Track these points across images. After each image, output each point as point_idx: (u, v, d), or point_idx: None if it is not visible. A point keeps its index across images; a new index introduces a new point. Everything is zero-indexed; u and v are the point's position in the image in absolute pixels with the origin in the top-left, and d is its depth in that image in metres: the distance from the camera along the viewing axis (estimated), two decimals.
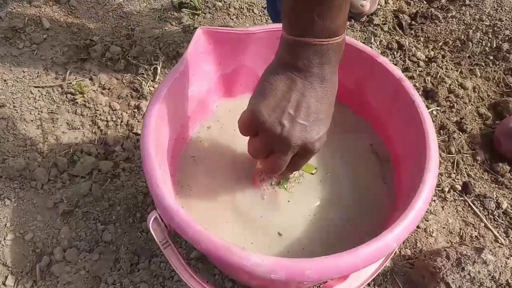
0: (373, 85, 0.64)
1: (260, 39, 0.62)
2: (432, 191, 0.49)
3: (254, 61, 0.65)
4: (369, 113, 0.67)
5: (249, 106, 0.48)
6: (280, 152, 0.48)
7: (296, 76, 0.46)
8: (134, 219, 0.76)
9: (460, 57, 1.04)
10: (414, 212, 0.47)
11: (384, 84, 0.60)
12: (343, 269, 0.43)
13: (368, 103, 0.66)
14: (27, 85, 0.93)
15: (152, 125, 0.52)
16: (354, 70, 0.63)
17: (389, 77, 0.59)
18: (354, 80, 0.65)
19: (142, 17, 1.09)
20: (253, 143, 0.51)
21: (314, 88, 0.46)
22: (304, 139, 0.47)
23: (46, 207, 0.77)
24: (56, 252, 0.71)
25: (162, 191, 0.48)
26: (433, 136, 0.52)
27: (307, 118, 0.46)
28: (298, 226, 0.59)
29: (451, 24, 1.09)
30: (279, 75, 0.46)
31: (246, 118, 0.49)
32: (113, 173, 0.82)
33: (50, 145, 0.85)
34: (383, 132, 0.65)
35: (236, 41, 0.62)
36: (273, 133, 0.46)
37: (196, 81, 0.62)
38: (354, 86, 0.65)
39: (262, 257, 0.43)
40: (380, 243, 0.45)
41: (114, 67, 0.98)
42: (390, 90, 0.59)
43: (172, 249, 0.50)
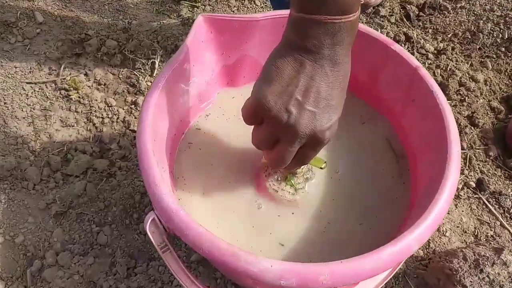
0: (386, 75, 0.59)
1: (265, 26, 0.58)
2: (454, 188, 0.45)
3: (259, 50, 0.61)
4: (382, 106, 0.63)
5: (253, 92, 0.44)
6: (286, 142, 0.44)
7: (305, 59, 0.41)
8: (131, 220, 0.71)
9: (470, 49, 1.00)
10: (436, 211, 0.43)
11: (399, 73, 0.56)
12: (361, 274, 0.39)
13: (381, 95, 0.62)
14: (19, 81, 0.89)
15: (149, 119, 0.48)
16: (366, 59, 0.59)
17: (404, 66, 0.55)
18: (366, 71, 0.60)
19: (139, 10, 1.05)
20: (258, 133, 0.47)
21: (324, 71, 0.42)
22: (313, 127, 0.43)
23: (38, 208, 0.73)
24: (48, 256, 0.67)
25: (160, 190, 0.44)
26: (454, 128, 0.48)
27: (317, 105, 0.42)
28: (303, 230, 0.55)
29: (460, 15, 1.05)
30: (286, 58, 0.42)
31: (250, 105, 0.45)
32: (109, 172, 0.77)
33: (42, 143, 0.81)
34: (398, 125, 0.61)
35: (239, 29, 0.58)
36: (279, 121, 0.42)
37: (197, 72, 0.58)
38: (366, 77, 0.61)
39: (271, 261, 0.39)
40: (401, 245, 0.41)
41: (110, 62, 0.94)
42: (405, 80, 0.55)
43: (172, 253, 0.46)
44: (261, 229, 0.55)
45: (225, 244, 0.40)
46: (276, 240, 0.54)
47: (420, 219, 0.42)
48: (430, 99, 0.51)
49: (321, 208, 0.56)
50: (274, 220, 0.55)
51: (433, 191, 0.45)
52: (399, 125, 0.60)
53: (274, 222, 0.55)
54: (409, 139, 0.58)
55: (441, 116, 0.49)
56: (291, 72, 0.42)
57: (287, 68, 0.42)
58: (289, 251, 0.53)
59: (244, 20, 0.57)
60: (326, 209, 0.56)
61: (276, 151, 0.46)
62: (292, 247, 0.53)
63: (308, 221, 0.55)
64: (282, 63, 0.42)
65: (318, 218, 0.56)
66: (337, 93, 0.43)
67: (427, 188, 0.49)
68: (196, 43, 0.56)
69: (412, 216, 0.50)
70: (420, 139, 0.55)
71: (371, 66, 0.60)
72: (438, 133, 0.49)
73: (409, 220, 0.51)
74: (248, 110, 0.46)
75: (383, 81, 0.60)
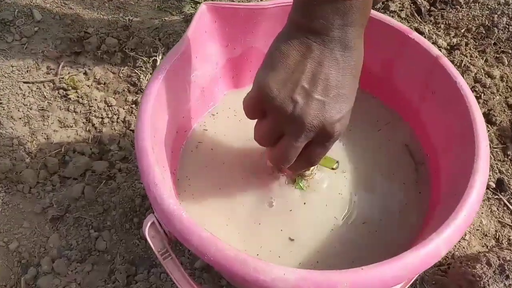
0: (402, 66, 0.55)
1: (273, 15, 0.54)
2: (484, 185, 0.41)
3: (266, 42, 0.57)
4: (397, 100, 0.58)
5: (255, 81, 0.40)
6: (291, 135, 0.39)
7: (312, 42, 0.37)
8: (131, 225, 0.67)
9: (484, 44, 0.95)
10: (466, 210, 0.39)
11: (417, 64, 0.52)
12: (385, 282, 0.35)
13: (396, 87, 0.57)
14: (15, 81, 0.86)
15: (148, 113, 0.44)
16: (379, 50, 0.54)
17: (423, 56, 0.50)
18: (380, 62, 0.56)
19: (141, 7, 1.01)
20: (260, 126, 0.42)
21: (334, 56, 0.37)
22: (321, 118, 0.38)
23: (33, 212, 0.69)
24: (43, 263, 0.64)
25: (160, 191, 0.40)
26: (481, 121, 0.44)
27: (326, 93, 0.38)
28: (312, 234, 0.51)
29: (473, 9, 1.01)
30: (292, 42, 0.38)
31: (251, 95, 0.41)
32: (108, 174, 0.74)
33: (39, 144, 0.78)
34: (416, 122, 0.57)
35: (245, 18, 0.54)
36: (283, 111, 0.38)
37: (200, 65, 0.54)
38: (380, 69, 0.57)
39: (285, 269, 0.35)
40: (429, 249, 0.37)
41: (110, 60, 0.91)
42: (424, 71, 0.51)
43: (173, 260, 0.42)
44: (271, 226, 0.51)
45: (232, 250, 0.36)
46: (283, 238, 0.50)
47: (448, 219, 0.38)
48: (453, 90, 0.47)
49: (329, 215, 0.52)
50: (284, 215, 0.52)
51: (460, 190, 0.41)
52: (417, 121, 0.56)
53: (284, 218, 0.52)
54: (429, 136, 0.54)
55: (466, 108, 0.45)
56: (297, 57, 0.38)
57: (293, 53, 0.38)
58: (299, 247, 0.50)
59: (251, 8, 0.53)
60: (335, 208, 0.52)
61: (279, 147, 0.41)
62: (301, 243, 0.50)
63: (318, 218, 0.52)
64: (286, 48, 0.38)
65: (327, 217, 0.52)
66: (348, 81, 0.39)
67: (452, 188, 0.45)
68: (199, 34, 0.52)
69: (434, 221, 0.46)
70: (442, 135, 0.51)
71: (386, 56, 0.56)
72: (462, 127, 0.45)
73: (430, 225, 0.47)
74: (250, 101, 0.41)
75: (399, 73, 0.56)
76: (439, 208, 0.47)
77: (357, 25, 0.37)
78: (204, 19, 0.52)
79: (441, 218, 0.40)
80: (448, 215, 0.39)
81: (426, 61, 0.50)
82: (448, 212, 0.40)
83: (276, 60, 0.38)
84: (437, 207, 0.47)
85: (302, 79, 0.37)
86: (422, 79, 0.52)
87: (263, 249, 0.50)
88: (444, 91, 0.49)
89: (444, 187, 0.48)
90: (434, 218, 0.47)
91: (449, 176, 0.47)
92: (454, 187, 0.44)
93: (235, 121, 0.59)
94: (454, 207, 0.39)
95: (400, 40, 0.52)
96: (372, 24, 0.54)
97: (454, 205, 0.40)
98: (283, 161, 0.42)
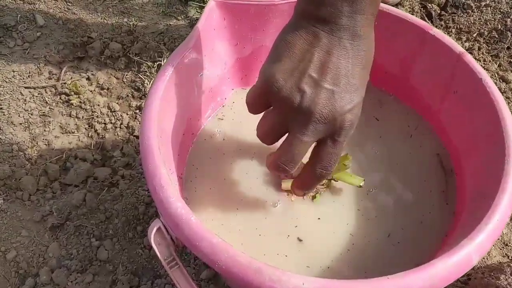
0: (421, 65, 0.52)
1: (284, 12, 0.52)
2: None
3: None
4: (416, 100, 0.55)
5: (260, 73, 0.37)
6: (299, 128, 0.36)
7: (319, 30, 0.35)
8: (135, 234, 0.64)
9: (498, 48, 0.93)
10: (499, 215, 0.36)
11: (438, 61, 0.49)
12: None
13: (415, 87, 0.55)
14: (16, 86, 0.84)
15: (154, 111, 0.42)
16: (397, 48, 0.52)
17: (445, 53, 0.48)
18: (398, 61, 0.54)
19: (145, 12, 1.00)
20: (265, 121, 0.39)
21: (343, 45, 0.35)
22: (331, 108, 0.35)
23: (32, 220, 0.66)
24: (42, 273, 0.60)
25: (167, 193, 0.37)
26: (510, 120, 0.41)
27: (336, 82, 0.35)
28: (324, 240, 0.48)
29: (485, 13, 0.98)
30: (298, 31, 0.35)
31: (255, 86, 0.38)
32: (111, 181, 0.71)
33: (40, 150, 0.75)
34: (436, 125, 0.54)
35: (256, 15, 0.52)
36: (290, 102, 0.35)
37: (208, 64, 0.51)
38: (398, 68, 0.54)
39: (303, 278, 0.32)
40: (460, 256, 0.33)
41: (113, 66, 0.89)
42: (446, 69, 0.48)
43: (181, 269, 0.38)
44: (280, 226, 0.49)
45: (245, 257, 0.33)
46: (292, 239, 0.48)
47: (480, 224, 0.35)
48: (478, 88, 0.44)
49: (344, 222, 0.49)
50: (293, 217, 0.49)
51: (491, 193, 0.38)
52: (437, 123, 0.53)
53: (293, 219, 0.49)
54: (450, 138, 0.51)
55: (493, 106, 0.42)
56: (304, 46, 0.35)
57: (299, 42, 0.35)
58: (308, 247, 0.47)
59: (261, 5, 0.51)
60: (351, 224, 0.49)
61: (285, 145, 0.38)
62: (311, 243, 0.47)
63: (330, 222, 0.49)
64: (293, 38, 0.36)
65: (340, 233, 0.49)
66: (358, 71, 0.36)
67: (480, 192, 0.42)
68: (207, 31, 0.49)
69: (459, 229, 0.43)
70: (465, 136, 0.48)
71: (404, 55, 0.53)
72: (489, 127, 0.42)
73: (455, 233, 0.44)
74: (254, 93, 0.38)
75: (418, 72, 0.53)
76: (465, 215, 0.44)
77: (367, 13, 0.35)
78: (213, 15, 0.50)
79: (469, 225, 0.37)
80: (478, 221, 0.36)
81: (448, 58, 0.48)
82: (477, 218, 0.37)
83: (282, 50, 0.36)
84: (462, 214, 0.44)
85: (310, 68, 0.35)
86: (444, 78, 0.49)
87: (269, 250, 0.47)
88: (467, 89, 0.46)
89: (470, 192, 0.45)
90: (460, 226, 0.44)
91: (476, 180, 0.44)
92: (482, 191, 0.41)
93: (244, 123, 0.57)
94: (486, 211, 0.36)
95: (419, 37, 0.50)
96: (389, 20, 0.52)
97: (485, 209, 0.37)
98: (290, 162, 0.38)
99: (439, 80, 0.50)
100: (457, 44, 0.48)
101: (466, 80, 0.46)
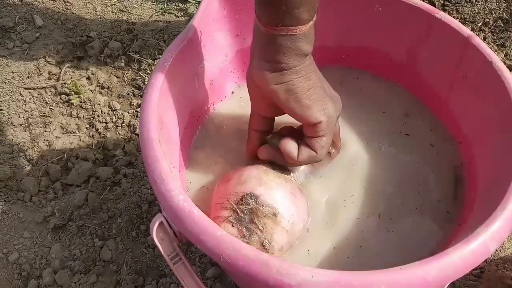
0: (428, 52, 0.51)
1: None
2: None
3: None
4: (424, 90, 0.54)
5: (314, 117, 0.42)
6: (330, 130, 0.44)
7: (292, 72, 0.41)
8: (138, 233, 0.63)
9: (503, 37, 0.91)
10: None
11: (446, 46, 0.48)
12: (429, 283, 0.31)
13: (422, 75, 0.53)
14: (16, 87, 0.83)
15: (153, 103, 0.40)
16: (404, 34, 0.50)
17: (453, 37, 0.46)
18: (404, 47, 0.52)
19: (144, 10, 0.99)
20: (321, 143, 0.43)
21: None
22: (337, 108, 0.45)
23: (34, 221, 0.65)
24: (45, 275, 0.60)
25: (169, 186, 0.36)
26: None
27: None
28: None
29: (490, 2, 0.96)
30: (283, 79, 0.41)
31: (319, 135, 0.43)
32: (113, 180, 0.70)
33: (41, 151, 0.74)
34: (445, 111, 0.52)
35: None
36: (330, 123, 0.43)
37: (208, 56, 0.50)
38: (404, 55, 0.53)
39: (312, 271, 0.30)
40: (476, 245, 0.32)
41: (113, 64, 0.87)
42: (453, 54, 0.47)
43: (184, 264, 0.37)
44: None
45: (252, 250, 0.32)
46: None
47: (496, 211, 0.33)
48: (489, 71, 0.42)
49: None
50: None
51: (505, 180, 0.36)
52: (446, 111, 0.51)
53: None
54: (461, 125, 0.49)
55: (504, 89, 0.40)
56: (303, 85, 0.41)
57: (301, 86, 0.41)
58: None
59: None
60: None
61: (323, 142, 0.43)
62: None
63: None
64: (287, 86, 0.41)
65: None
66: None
67: (493, 181, 0.40)
68: (207, 21, 0.48)
69: (473, 218, 0.41)
70: (476, 122, 0.46)
71: (410, 40, 0.51)
72: (500, 111, 0.41)
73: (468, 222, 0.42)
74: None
75: (426, 58, 0.52)
76: (479, 205, 0.42)
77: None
78: (212, 5, 0.48)
79: (484, 214, 0.36)
80: (493, 208, 0.35)
81: (456, 42, 0.46)
82: (492, 206, 0.35)
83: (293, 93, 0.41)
84: (476, 201, 0.42)
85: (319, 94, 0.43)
86: (453, 63, 0.47)
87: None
88: (476, 75, 0.45)
89: (483, 181, 0.43)
90: (473, 216, 0.42)
91: (488, 169, 0.42)
92: (496, 179, 0.39)
93: (246, 117, 0.55)
94: (501, 198, 0.35)
95: (425, 21, 0.48)
96: (394, 6, 0.50)
97: (500, 196, 0.35)
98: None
99: (447, 66, 0.49)
100: (465, 27, 0.47)
101: (476, 64, 0.44)
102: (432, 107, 0.54)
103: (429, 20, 0.48)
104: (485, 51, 0.44)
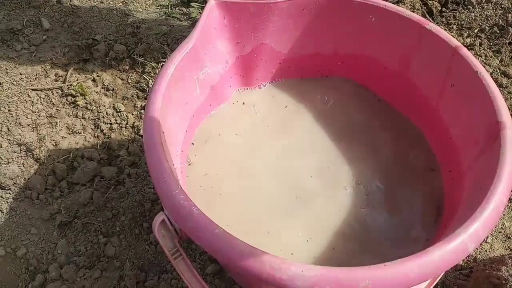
0: (419, 60, 0.53)
1: (283, 10, 0.53)
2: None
3: (277, 38, 0.56)
4: (415, 95, 0.56)
5: None
6: None
7: None
8: (141, 230, 0.66)
9: (499, 44, 0.93)
10: (493, 204, 0.36)
11: (435, 57, 0.50)
12: (409, 279, 0.33)
13: (414, 83, 0.55)
14: (24, 88, 0.85)
15: (157, 108, 0.43)
16: (396, 44, 0.53)
17: (441, 47, 0.49)
18: (397, 57, 0.54)
19: (148, 14, 1.01)
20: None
21: None
22: None
23: (41, 218, 0.68)
24: (51, 270, 0.62)
25: (171, 186, 0.38)
26: (506, 111, 0.42)
27: None
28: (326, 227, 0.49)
29: (486, 9, 0.99)
30: None
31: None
32: (117, 180, 0.72)
33: (48, 151, 0.77)
34: (435, 122, 0.54)
35: (256, 14, 0.53)
36: None
37: (209, 62, 0.53)
38: (397, 65, 0.55)
39: (303, 266, 0.33)
40: (455, 244, 0.34)
41: (118, 67, 0.90)
42: (443, 64, 0.49)
43: (184, 260, 0.40)
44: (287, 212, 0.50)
45: (246, 246, 0.34)
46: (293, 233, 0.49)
47: (475, 212, 0.36)
48: (474, 82, 0.45)
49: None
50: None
51: (487, 184, 0.39)
52: (437, 122, 0.54)
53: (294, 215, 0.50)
54: (450, 132, 0.51)
55: (489, 97, 0.43)
56: None
57: None
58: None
59: (261, 3, 0.52)
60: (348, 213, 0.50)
61: None
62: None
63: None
64: None
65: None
66: None
67: (477, 185, 0.43)
68: (208, 30, 0.51)
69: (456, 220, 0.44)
70: (464, 129, 0.49)
71: (402, 51, 0.54)
72: (485, 118, 0.43)
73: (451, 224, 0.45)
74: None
75: (417, 67, 0.54)
76: (463, 208, 0.44)
77: None
78: (213, 15, 0.51)
79: (467, 216, 0.38)
80: (473, 210, 0.37)
81: (445, 53, 0.48)
82: (473, 209, 0.38)
83: None
84: (460, 206, 0.45)
85: None
86: (441, 74, 0.50)
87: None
88: (463, 85, 0.47)
89: (469, 188, 0.45)
90: (456, 219, 0.44)
91: (473, 174, 0.45)
92: (479, 184, 0.42)
93: (246, 120, 0.58)
94: (481, 201, 0.37)
95: (416, 32, 0.51)
96: (386, 17, 0.52)
97: (481, 200, 0.37)
98: None
99: (436, 75, 0.51)
100: (453, 37, 0.49)
101: (462, 73, 0.47)
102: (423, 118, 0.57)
103: (419, 30, 0.50)
104: (471, 61, 0.46)
